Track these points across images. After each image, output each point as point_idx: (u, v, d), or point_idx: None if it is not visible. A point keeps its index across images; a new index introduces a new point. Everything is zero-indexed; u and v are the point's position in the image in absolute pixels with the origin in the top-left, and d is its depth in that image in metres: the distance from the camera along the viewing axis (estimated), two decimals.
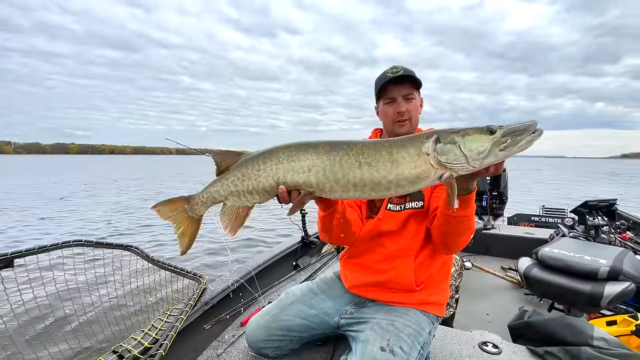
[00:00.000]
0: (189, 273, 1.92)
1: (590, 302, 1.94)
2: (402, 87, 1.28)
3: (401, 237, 1.33)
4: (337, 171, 0.92)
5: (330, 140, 0.97)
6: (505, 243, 3.92)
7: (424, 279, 1.34)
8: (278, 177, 0.96)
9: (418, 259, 1.32)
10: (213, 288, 1.85)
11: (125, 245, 2.17)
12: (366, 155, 0.92)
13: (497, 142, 0.83)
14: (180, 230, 1.08)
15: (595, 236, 2.91)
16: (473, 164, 0.85)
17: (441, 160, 0.86)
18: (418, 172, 0.89)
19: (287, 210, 1.02)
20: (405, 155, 0.89)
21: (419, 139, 0.91)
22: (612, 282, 1.97)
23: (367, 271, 1.40)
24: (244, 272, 2.08)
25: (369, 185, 0.92)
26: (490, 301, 2.88)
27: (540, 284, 2.18)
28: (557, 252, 2.26)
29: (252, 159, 0.99)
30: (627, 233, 3.36)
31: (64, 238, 2.07)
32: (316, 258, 2.96)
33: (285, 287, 2.36)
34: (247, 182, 0.99)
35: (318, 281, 1.60)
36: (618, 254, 2.16)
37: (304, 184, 0.95)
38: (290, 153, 0.96)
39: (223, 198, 1.03)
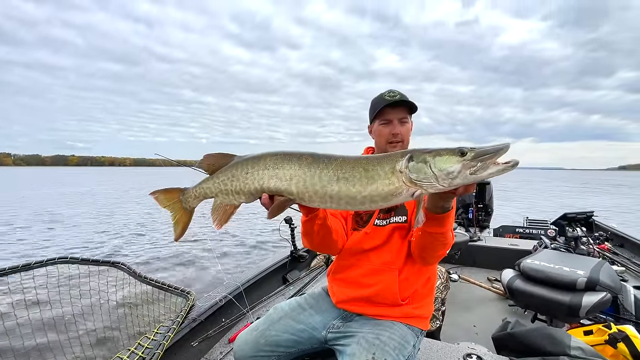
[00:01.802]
0: (177, 289, 1.91)
1: (569, 313, 2.00)
2: (399, 110, 1.36)
3: (385, 251, 1.37)
4: (316, 183, 0.97)
5: (315, 152, 1.01)
6: (491, 254, 4.00)
7: (409, 294, 1.37)
8: (263, 181, 1.01)
9: (402, 273, 1.35)
10: (201, 304, 1.84)
11: (112, 261, 2.15)
12: (344, 170, 0.96)
13: (467, 164, 0.85)
14: (175, 219, 1.16)
15: (575, 247, 3.01)
16: (442, 183, 0.88)
17: (412, 178, 0.90)
18: (391, 189, 0.92)
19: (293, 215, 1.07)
20: (380, 172, 0.93)
21: (394, 157, 0.95)
22: (589, 292, 2.05)
23: (353, 286, 1.43)
24: (232, 288, 2.08)
25: (345, 198, 0.96)
26: (476, 312, 2.93)
27: (523, 296, 2.25)
28: (538, 263, 2.33)
29: (243, 162, 1.05)
30: (606, 244, 3.50)
31: (50, 254, 2.04)
32: (305, 272, 2.96)
33: (274, 302, 2.36)
34: (235, 182, 1.04)
35: (306, 296, 1.62)
36: (595, 264, 2.25)
37: (285, 191, 0.99)
38: (277, 160, 1.01)
39: (213, 195, 1.09)
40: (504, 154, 0.85)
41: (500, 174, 0.84)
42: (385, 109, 1.35)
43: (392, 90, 1.37)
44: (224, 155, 1.10)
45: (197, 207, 1.16)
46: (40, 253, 7.37)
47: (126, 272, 2.14)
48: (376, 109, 1.37)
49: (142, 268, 5.65)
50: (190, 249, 6.93)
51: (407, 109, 1.37)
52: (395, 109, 1.35)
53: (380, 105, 1.35)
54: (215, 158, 1.11)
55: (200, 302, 1.90)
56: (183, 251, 6.84)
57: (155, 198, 1.17)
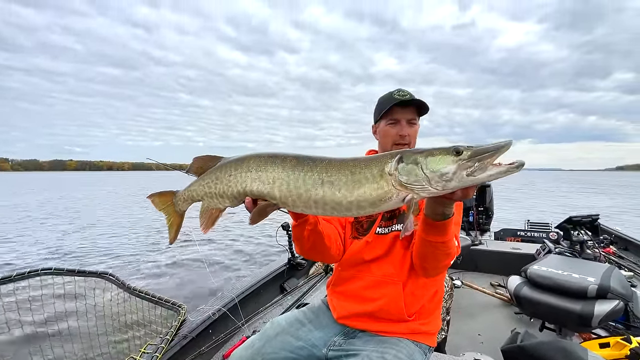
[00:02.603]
0: (168, 302, 1.81)
1: (581, 322, 1.91)
2: (408, 111, 1.27)
3: (388, 262, 1.28)
4: (300, 187, 0.90)
5: (299, 154, 0.95)
6: (493, 259, 3.92)
7: (415, 309, 1.28)
8: (246, 184, 0.96)
9: (407, 287, 1.26)
10: (193, 319, 1.73)
11: (100, 272, 2.04)
12: (329, 174, 0.89)
13: (463, 165, 0.76)
14: (170, 222, 1.15)
15: (581, 252, 2.94)
16: (435, 186, 0.79)
17: (402, 181, 0.82)
18: (379, 194, 0.84)
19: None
20: (368, 175, 0.86)
21: (383, 159, 0.87)
22: (601, 300, 1.96)
23: (354, 300, 1.33)
24: (226, 300, 1.97)
25: (330, 204, 0.88)
26: (481, 320, 2.84)
27: (531, 304, 2.16)
28: (545, 270, 2.25)
29: (226, 164, 1.01)
30: (611, 247, 3.42)
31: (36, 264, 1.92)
32: (304, 280, 2.86)
33: (271, 312, 2.26)
34: (219, 185, 1.00)
35: (305, 310, 1.52)
36: (605, 270, 2.16)
37: (268, 195, 0.93)
38: (260, 163, 0.95)
39: (199, 198, 1.06)
40: (505, 152, 0.76)
41: (502, 177, 0.75)
42: (394, 108, 1.26)
43: (401, 90, 1.28)
44: (212, 158, 1.07)
45: (187, 210, 1.14)
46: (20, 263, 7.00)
47: (114, 284, 2.03)
48: (384, 107, 1.28)
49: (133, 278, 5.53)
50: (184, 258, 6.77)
51: (416, 111, 1.28)
52: (405, 109, 1.27)
53: (389, 104, 1.26)
54: (203, 160, 1.07)
55: (192, 315, 1.79)
56: (176, 260, 6.67)
57: (151, 201, 1.16)
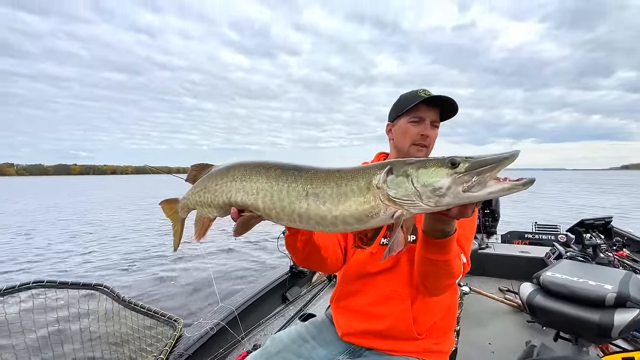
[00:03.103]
0: (164, 316, 1.72)
1: (600, 333, 1.80)
2: (434, 111, 1.19)
3: (394, 275, 1.19)
4: (283, 198, 0.84)
5: (285, 163, 0.89)
6: (501, 263, 3.81)
7: (426, 327, 1.18)
8: (230, 194, 0.92)
9: (417, 303, 1.17)
10: (189, 335, 1.64)
11: (94, 284, 1.96)
12: (314, 185, 0.82)
13: (459, 179, 0.68)
14: (174, 229, 1.16)
15: (595, 256, 2.83)
16: (427, 202, 0.71)
17: (390, 195, 0.74)
18: (366, 209, 0.76)
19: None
20: (355, 187, 0.78)
21: (372, 170, 0.79)
22: (620, 309, 1.85)
23: (360, 317, 1.24)
24: (225, 312, 1.87)
25: (314, 218, 0.81)
26: (491, 328, 2.73)
27: (545, 313, 2.05)
28: (559, 277, 2.14)
29: (214, 173, 0.99)
30: (624, 250, 3.31)
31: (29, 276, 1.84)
32: (306, 288, 2.77)
33: (272, 324, 2.16)
34: (207, 194, 0.98)
35: (308, 325, 1.43)
36: (623, 277, 2.05)
37: (251, 207, 0.88)
38: (244, 172, 0.91)
39: (192, 206, 1.06)
40: (509, 164, 0.66)
41: (505, 194, 0.65)
42: (420, 106, 1.18)
43: (426, 90, 1.19)
44: (204, 166, 1.06)
45: (186, 218, 1.15)
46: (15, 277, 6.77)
47: (109, 296, 1.94)
48: (409, 104, 1.19)
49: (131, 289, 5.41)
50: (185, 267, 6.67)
51: (439, 114, 1.20)
52: (431, 109, 1.18)
53: (415, 101, 1.17)
54: (198, 168, 1.07)
55: (190, 330, 1.70)
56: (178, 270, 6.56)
57: (161, 208, 1.18)
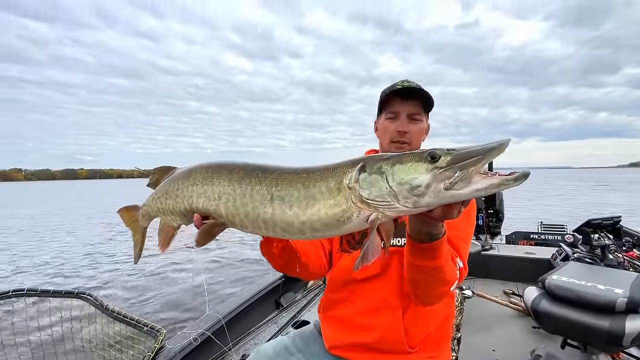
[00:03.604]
0: (146, 326, 1.64)
1: (611, 341, 1.69)
2: (410, 103, 1.09)
3: (383, 282, 1.10)
4: (247, 203, 0.75)
5: (250, 164, 0.81)
6: (506, 265, 3.69)
7: (419, 340, 1.09)
8: (192, 200, 0.83)
9: (408, 313, 1.07)
10: (171, 347, 1.55)
11: (77, 292, 1.89)
12: (280, 188, 0.73)
13: (440, 175, 0.59)
14: (135, 240, 1.07)
15: (603, 257, 2.70)
16: (404, 203, 0.62)
17: (363, 196, 0.65)
18: (336, 213, 0.67)
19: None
20: (324, 189, 0.69)
21: (343, 168, 0.71)
22: (632, 315, 1.74)
23: (347, 328, 1.15)
24: (212, 321, 1.78)
25: (280, 224, 0.72)
26: (495, 334, 2.62)
27: (551, 319, 1.94)
28: (566, 280, 2.03)
29: (175, 176, 0.90)
30: (634, 251, 3.17)
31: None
32: (301, 293, 2.67)
33: (264, 331, 2.07)
34: (168, 200, 0.90)
35: (294, 336, 1.34)
36: (634, 280, 1.94)
37: (214, 213, 0.80)
38: (207, 175, 0.82)
39: (154, 214, 0.97)
40: (498, 155, 0.57)
41: (494, 191, 0.56)
42: (395, 99, 1.09)
43: (407, 80, 1.09)
44: (167, 169, 0.97)
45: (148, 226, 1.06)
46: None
47: (93, 305, 1.87)
48: (382, 98, 1.11)
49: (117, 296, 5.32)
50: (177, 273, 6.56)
51: (421, 105, 1.10)
52: (406, 101, 1.08)
53: (386, 93, 1.08)
54: (160, 172, 0.98)
55: (173, 341, 1.61)
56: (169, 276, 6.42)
57: (120, 216, 1.09)
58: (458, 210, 0.64)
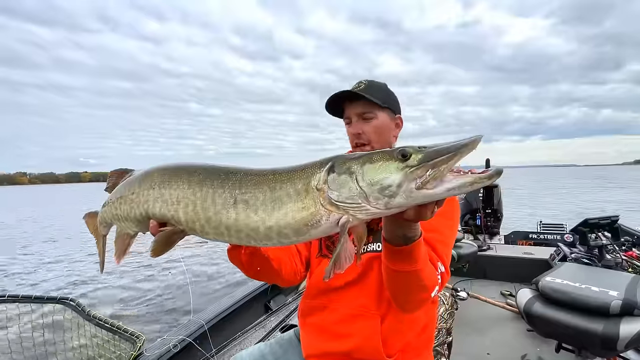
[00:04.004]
0: (126, 332, 1.60)
1: (605, 345, 1.64)
2: (357, 104, 1.06)
3: (361, 289, 1.05)
4: (208, 207, 0.70)
5: (211, 165, 0.75)
6: (503, 265, 3.64)
7: (397, 348, 1.04)
8: (148, 205, 0.77)
9: (387, 321, 1.03)
10: (149, 354, 1.51)
11: (59, 298, 1.86)
12: (244, 190, 0.68)
13: (412, 174, 0.56)
14: (98, 248, 1.02)
15: (600, 257, 2.64)
16: (375, 205, 0.59)
17: (332, 198, 0.61)
18: (304, 217, 0.63)
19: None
20: (291, 191, 0.65)
21: (311, 169, 0.66)
22: (627, 318, 1.68)
23: (325, 336, 1.11)
24: (195, 327, 1.75)
25: (245, 230, 0.67)
26: (490, 336, 2.57)
27: (544, 322, 1.88)
28: (560, 282, 1.97)
29: (131, 180, 0.84)
30: (633, 250, 3.10)
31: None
32: (292, 296, 2.63)
33: (251, 336, 2.03)
34: (123, 206, 0.83)
35: (273, 343, 1.30)
36: (629, 282, 1.88)
37: (172, 219, 0.73)
38: (164, 177, 0.76)
39: (110, 221, 0.91)
40: (470, 152, 0.54)
41: (467, 190, 0.54)
42: (345, 104, 1.07)
43: (360, 81, 1.07)
44: (124, 172, 0.91)
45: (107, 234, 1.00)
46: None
47: (75, 310, 1.84)
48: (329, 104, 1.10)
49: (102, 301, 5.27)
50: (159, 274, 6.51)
51: (371, 102, 1.05)
52: (354, 102, 1.06)
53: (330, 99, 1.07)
54: (116, 175, 0.93)
55: (153, 347, 1.58)
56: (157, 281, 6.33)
57: (85, 222, 1.03)
58: (431, 210, 0.61)
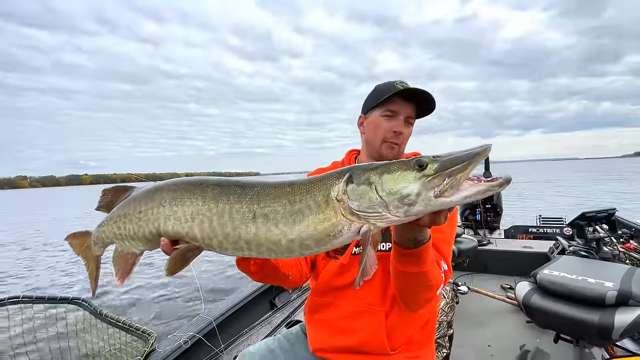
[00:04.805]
0: (138, 330, 1.66)
1: (600, 335, 1.69)
2: (410, 106, 1.09)
3: (367, 287, 1.10)
4: (225, 223, 0.69)
5: (225, 179, 0.75)
6: (503, 259, 3.69)
7: (401, 342, 1.10)
8: (159, 223, 0.75)
9: (391, 317, 1.08)
10: (161, 350, 1.57)
11: (72, 298, 1.92)
12: (262, 204, 0.68)
13: (429, 183, 0.59)
14: (89, 270, 0.97)
15: (598, 250, 2.69)
16: (395, 213, 0.61)
17: (352, 208, 0.63)
18: (326, 227, 0.64)
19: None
20: (311, 203, 0.66)
21: (329, 180, 0.68)
22: (622, 308, 1.74)
23: (332, 331, 1.16)
24: (204, 324, 1.81)
25: (265, 244, 0.68)
26: (491, 329, 2.63)
27: (542, 314, 1.94)
28: (557, 274, 2.03)
29: (136, 198, 0.82)
30: (631, 242, 3.15)
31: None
32: (296, 293, 2.69)
33: (257, 332, 2.09)
34: (128, 225, 0.81)
35: (281, 338, 1.35)
36: (625, 273, 1.93)
37: (187, 236, 0.72)
38: (175, 194, 0.75)
39: (109, 240, 0.88)
40: (482, 159, 0.59)
41: (481, 197, 0.58)
42: (395, 99, 1.07)
43: (404, 82, 1.08)
44: (121, 189, 0.90)
45: (102, 254, 0.96)
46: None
47: (87, 310, 1.90)
48: (382, 95, 1.08)
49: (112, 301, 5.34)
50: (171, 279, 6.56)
51: (415, 110, 1.10)
52: (407, 102, 1.08)
53: (389, 92, 1.06)
54: (113, 193, 0.91)
55: (164, 344, 1.64)
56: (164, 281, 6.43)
57: (69, 243, 0.98)
58: (445, 216, 0.65)
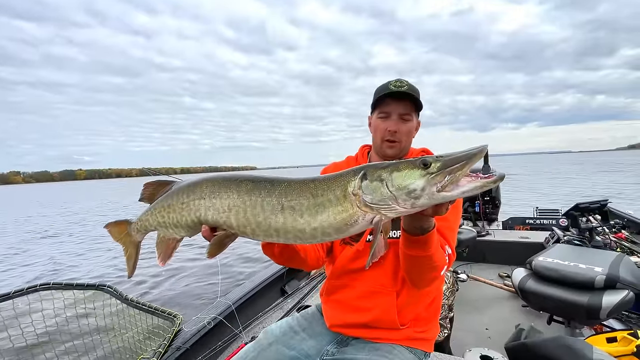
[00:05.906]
0: (164, 313, 1.80)
1: (589, 315, 1.84)
2: (401, 104, 1.19)
3: (381, 270, 1.23)
4: (258, 214, 0.82)
5: (257, 176, 0.88)
6: (501, 249, 3.84)
7: (409, 318, 1.23)
8: (200, 213, 0.88)
9: (401, 296, 1.21)
10: (187, 329, 1.71)
11: (98, 284, 2.05)
12: (289, 198, 0.81)
13: (432, 179, 0.70)
14: (127, 254, 1.08)
15: (590, 239, 2.84)
16: (404, 205, 0.72)
17: (367, 201, 0.75)
18: (344, 217, 0.77)
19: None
20: (331, 197, 0.78)
21: (346, 177, 0.80)
22: (610, 291, 1.89)
23: (348, 310, 1.29)
24: (223, 307, 1.95)
25: (292, 232, 0.81)
26: (488, 314, 2.78)
27: (537, 297, 2.09)
28: (551, 261, 2.17)
29: (178, 190, 0.94)
30: (622, 232, 3.30)
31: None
32: (305, 281, 2.83)
33: (271, 317, 2.24)
34: (172, 214, 0.93)
35: (299, 317, 1.49)
36: (613, 259, 2.08)
37: (224, 224, 0.85)
38: (214, 188, 0.88)
39: (153, 228, 0.99)
40: (479, 159, 0.70)
41: (477, 192, 0.69)
42: (386, 100, 1.18)
43: (400, 80, 1.19)
44: (162, 183, 1.01)
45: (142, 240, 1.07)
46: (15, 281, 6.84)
47: (113, 296, 2.03)
48: (375, 98, 1.20)
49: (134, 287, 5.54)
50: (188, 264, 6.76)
51: (413, 105, 1.20)
52: (398, 101, 1.18)
53: (380, 94, 1.18)
54: (155, 186, 1.02)
55: (189, 325, 1.78)
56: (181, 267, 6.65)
57: (108, 231, 1.09)
58: (446, 207, 0.77)
